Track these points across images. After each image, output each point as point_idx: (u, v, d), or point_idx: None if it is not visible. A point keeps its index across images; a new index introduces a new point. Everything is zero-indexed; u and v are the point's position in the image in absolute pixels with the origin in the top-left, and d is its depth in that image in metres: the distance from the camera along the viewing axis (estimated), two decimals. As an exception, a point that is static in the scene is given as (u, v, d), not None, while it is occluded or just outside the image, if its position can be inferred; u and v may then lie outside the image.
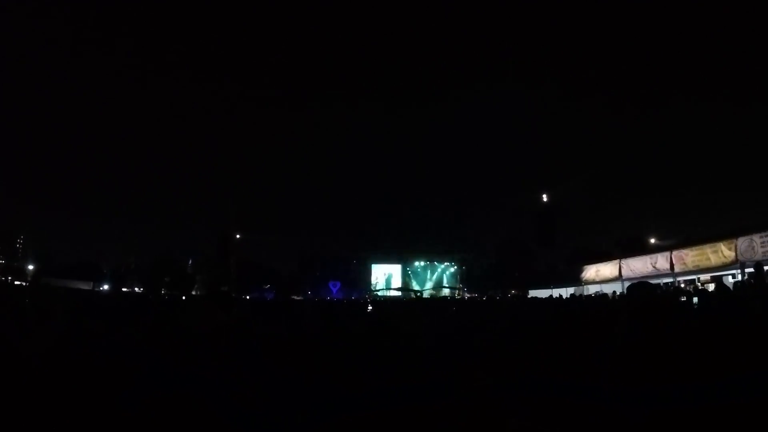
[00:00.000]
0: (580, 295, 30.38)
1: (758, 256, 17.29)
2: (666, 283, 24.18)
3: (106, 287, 51.96)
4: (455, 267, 72.33)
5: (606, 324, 6.51)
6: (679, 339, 4.51)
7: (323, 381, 4.61)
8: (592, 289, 30.84)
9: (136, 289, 59.15)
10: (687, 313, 8.09)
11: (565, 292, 32.09)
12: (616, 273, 29.87)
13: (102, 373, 4.67)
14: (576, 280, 36.43)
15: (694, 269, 22.15)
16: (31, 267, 67.46)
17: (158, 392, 4.30)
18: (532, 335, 6.48)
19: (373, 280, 70.73)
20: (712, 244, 20.93)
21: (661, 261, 24.75)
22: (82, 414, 3.94)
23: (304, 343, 5.85)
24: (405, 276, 71.18)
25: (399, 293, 59.26)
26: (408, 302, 33.66)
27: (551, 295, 26.18)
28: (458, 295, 57.36)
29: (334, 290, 66.80)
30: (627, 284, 23.66)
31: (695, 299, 11.37)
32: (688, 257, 22.48)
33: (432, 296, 53.69)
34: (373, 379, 4.68)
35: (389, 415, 4.13)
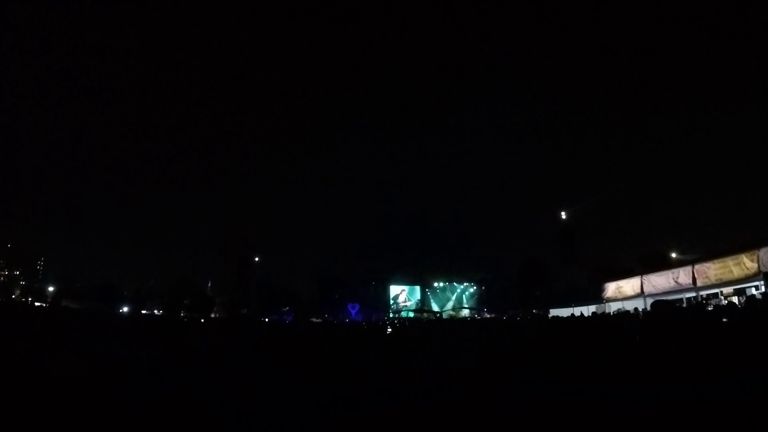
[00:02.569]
0: (602, 313, 29.85)
1: (781, 267, 16.87)
2: (689, 298, 23.64)
3: (126, 309, 52.43)
4: (475, 287, 71.71)
5: (612, 329, 6.39)
6: (684, 341, 4.41)
7: (324, 381, 4.57)
8: (614, 307, 30.24)
9: (156, 311, 59.59)
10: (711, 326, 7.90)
11: (587, 310, 31.53)
12: (638, 289, 29.28)
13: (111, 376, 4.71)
14: (597, 298, 35.81)
15: (716, 282, 21.61)
16: (51, 289, 68.56)
17: (161, 391, 4.31)
18: (535, 340, 6.38)
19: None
20: (734, 257, 20.44)
21: (683, 275, 24.20)
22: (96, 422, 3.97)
23: (305, 344, 5.83)
24: (424, 297, 70.72)
25: (418, 315, 58.85)
26: (427, 323, 33.41)
27: (572, 314, 25.73)
28: (477, 316, 56.79)
29: (353, 312, 66.45)
30: (649, 300, 23.18)
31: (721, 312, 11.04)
32: (711, 270, 21.96)
33: (451, 317, 53.18)
34: (374, 379, 4.64)
35: (389, 415, 4.08)
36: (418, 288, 71.60)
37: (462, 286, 71.83)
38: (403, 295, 71.15)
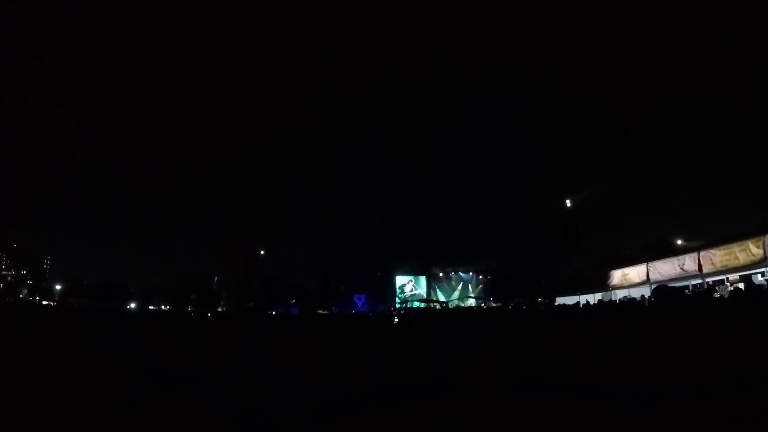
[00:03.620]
0: (609, 300, 29.78)
1: (788, 253, 16.78)
2: (695, 285, 23.58)
3: (133, 306, 52.66)
4: (480, 276, 71.60)
5: (613, 325, 6.35)
6: (689, 334, 4.37)
7: (324, 381, 4.57)
8: (620, 294, 30.20)
9: (163, 306, 59.85)
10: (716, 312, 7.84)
11: (593, 298, 31.48)
12: (643, 276, 29.23)
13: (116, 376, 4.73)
14: (603, 286, 35.75)
15: (722, 269, 21.53)
16: (58, 287, 69.05)
17: (162, 392, 4.32)
18: (535, 336, 6.36)
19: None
20: (739, 243, 20.34)
21: (689, 262, 24.14)
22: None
23: (306, 344, 5.83)
24: (429, 287, 70.71)
25: (423, 305, 58.89)
26: (432, 313, 33.39)
27: (578, 302, 25.71)
28: (483, 305, 56.75)
29: (359, 303, 66.59)
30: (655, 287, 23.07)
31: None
32: (716, 257, 21.88)
33: (457, 307, 53.15)
34: (374, 379, 4.63)
35: (389, 415, 4.07)
36: (423, 278, 71.55)
37: (467, 276, 71.67)
38: (410, 285, 71.04)
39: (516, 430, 3.82)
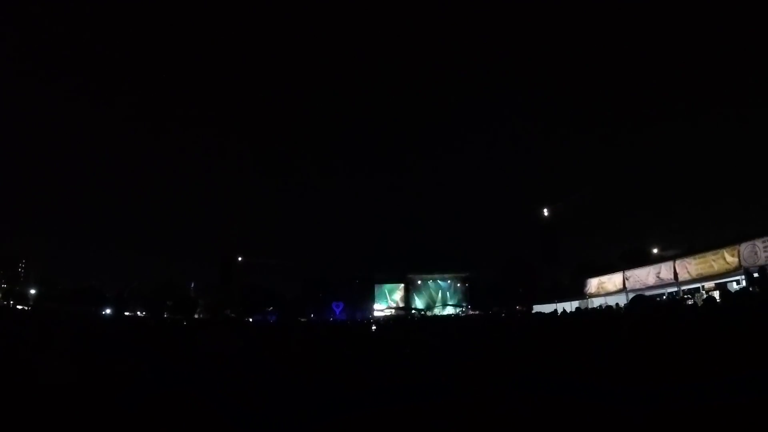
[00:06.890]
0: (586, 308, 30.20)
1: (761, 261, 17.23)
2: (671, 293, 24.07)
3: (108, 311, 51.65)
4: (459, 284, 71.94)
5: (607, 327, 6.48)
6: (680, 340, 4.48)
7: (323, 381, 4.58)
8: (596, 302, 30.63)
9: (139, 313, 58.79)
10: (689, 317, 8.02)
11: (570, 306, 31.91)
12: (620, 285, 29.75)
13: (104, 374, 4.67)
14: (580, 294, 36.24)
15: (697, 277, 22.05)
16: (33, 292, 67.55)
17: (161, 392, 4.28)
18: (534, 337, 6.44)
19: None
20: (714, 252, 20.88)
21: (665, 271, 24.67)
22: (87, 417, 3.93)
23: (305, 344, 5.83)
24: (408, 295, 70.79)
25: (402, 312, 59.03)
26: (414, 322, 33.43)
27: (555, 310, 26.05)
28: (462, 312, 57.08)
29: (338, 311, 66.38)
30: (632, 296, 23.48)
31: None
32: (692, 266, 22.41)
33: (436, 315, 53.38)
34: (372, 379, 4.65)
35: (389, 415, 4.09)
36: (402, 286, 71.68)
37: (446, 284, 71.97)
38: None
39: (515, 430, 3.88)
